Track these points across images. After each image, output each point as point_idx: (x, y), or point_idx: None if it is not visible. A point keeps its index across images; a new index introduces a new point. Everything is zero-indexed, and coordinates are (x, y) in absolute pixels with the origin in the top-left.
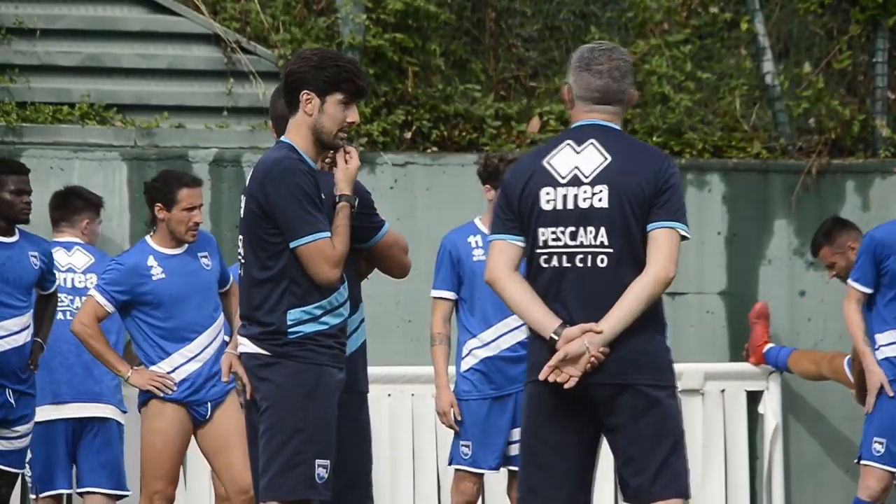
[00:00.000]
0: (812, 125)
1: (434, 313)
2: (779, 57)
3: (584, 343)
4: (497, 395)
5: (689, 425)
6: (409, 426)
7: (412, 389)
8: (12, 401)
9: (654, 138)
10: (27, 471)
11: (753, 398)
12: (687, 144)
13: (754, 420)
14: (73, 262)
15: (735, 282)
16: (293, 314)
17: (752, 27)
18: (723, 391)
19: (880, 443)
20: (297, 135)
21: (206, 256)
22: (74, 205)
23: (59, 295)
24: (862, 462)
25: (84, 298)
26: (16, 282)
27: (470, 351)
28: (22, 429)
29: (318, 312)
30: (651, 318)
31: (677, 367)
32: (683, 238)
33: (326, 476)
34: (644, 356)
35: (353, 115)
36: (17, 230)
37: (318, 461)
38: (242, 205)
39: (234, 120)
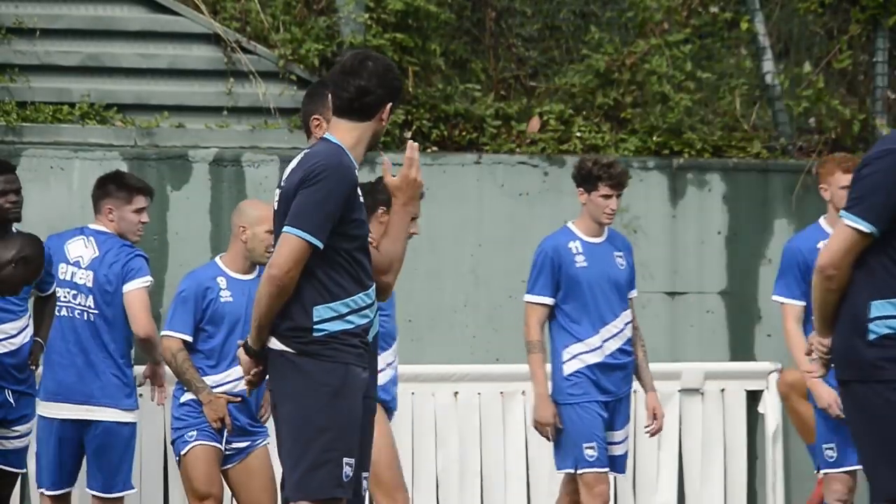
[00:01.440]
0: (812, 125)
1: (530, 318)
2: (779, 56)
3: (812, 335)
4: (602, 401)
5: (689, 425)
6: (408, 425)
7: (412, 388)
8: (12, 401)
9: (654, 138)
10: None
11: (753, 398)
12: (687, 144)
13: (754, 420)
14: (83, 254)
15: (735, 281)
16: (319, 311)
17: (753, 27)
18: (723, 391)
19: (831, 448)
20: (351, 137)
21: None
22: (102, 189)
23: (62, 289)
24: (822, 472)
25: (83, 295)
26: None
27: (574, 355)
28: (21, 429)
29: (344, 311)
30: (843, 314)
31: (676, 366)
32: (857, 231)
33: (351, 474)
34: (834, 352)
35: None
36: (13, 232)
37: (345, 459)
38: (276, 198)
39: (235, 120)
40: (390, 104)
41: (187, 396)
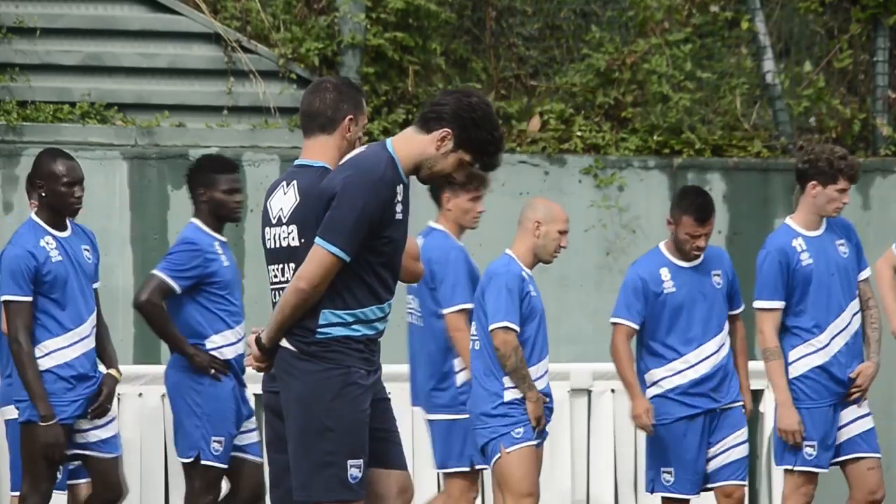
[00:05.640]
0: (813, 124)
1: (766, 325)
2: (779, 56)
3: None
4: (833, 403)
5: None
6: (408, 424)
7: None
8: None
9: (655, 137)
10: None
11: (753, 397)
12: (687, 143)
13: (754, 419)
14: None
15: None
16: (325, 315)
17: (753, 26)
18: None
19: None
20: (407, 148)
21: None
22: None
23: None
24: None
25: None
26: (236, 284)
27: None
28: (255, 422)
29: (350, 319)
30: None
31: None
32: None
33: (360, 475)
34: None
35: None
36: None
37: (350, 461)
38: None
39: (235, 119)
40: (446, 129)
41: (512, 394)
